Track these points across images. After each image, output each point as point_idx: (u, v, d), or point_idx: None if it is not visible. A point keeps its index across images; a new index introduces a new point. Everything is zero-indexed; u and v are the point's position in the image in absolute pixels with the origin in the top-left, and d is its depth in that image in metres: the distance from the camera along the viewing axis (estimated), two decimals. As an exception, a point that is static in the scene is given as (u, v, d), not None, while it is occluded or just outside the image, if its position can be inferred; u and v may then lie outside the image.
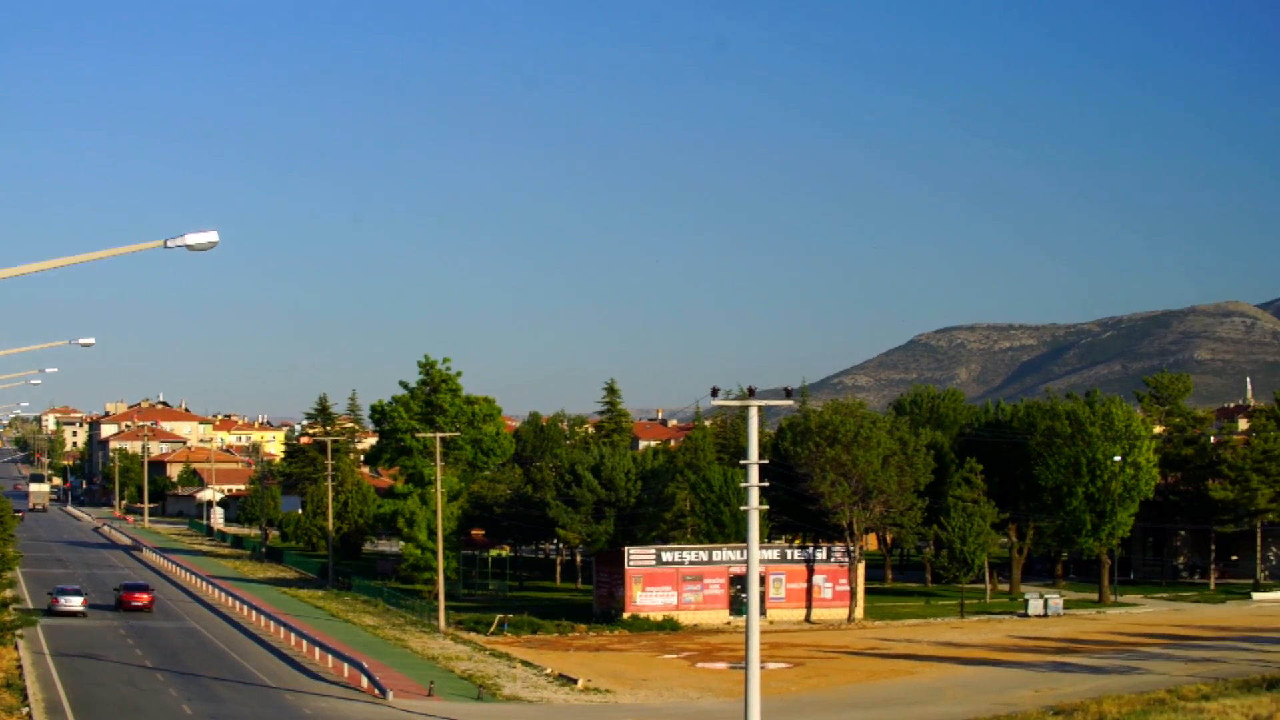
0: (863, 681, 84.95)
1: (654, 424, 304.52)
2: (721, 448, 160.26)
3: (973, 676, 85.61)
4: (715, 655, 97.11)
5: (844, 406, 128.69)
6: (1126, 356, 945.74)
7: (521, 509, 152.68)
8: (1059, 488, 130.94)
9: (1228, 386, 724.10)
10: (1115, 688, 75.11)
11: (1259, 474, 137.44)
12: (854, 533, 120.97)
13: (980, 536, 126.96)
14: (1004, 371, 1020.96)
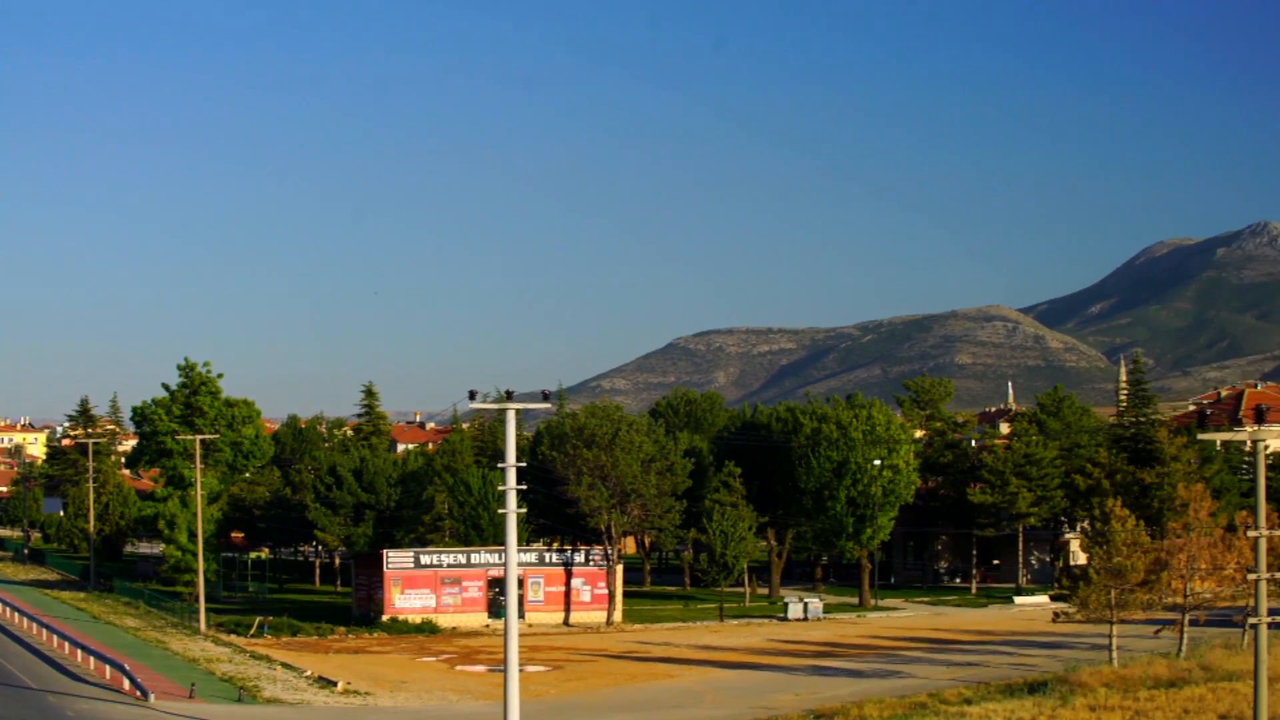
0: (622, 685, 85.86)
1: (412, 427, 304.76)
2: (480, 450, 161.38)
3: (733, 680, 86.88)
4: (474, 658, 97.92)
5: (601, 410, 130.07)
6: (887, 360, 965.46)
7: (281, 511, 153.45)
8: (820, 491, 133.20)
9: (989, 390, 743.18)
10: (876, 691, 76.89)
11: (1020, 478, 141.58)
12: (612, 536, 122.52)
13: (740, 540, 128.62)
14: (763, 375, 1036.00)
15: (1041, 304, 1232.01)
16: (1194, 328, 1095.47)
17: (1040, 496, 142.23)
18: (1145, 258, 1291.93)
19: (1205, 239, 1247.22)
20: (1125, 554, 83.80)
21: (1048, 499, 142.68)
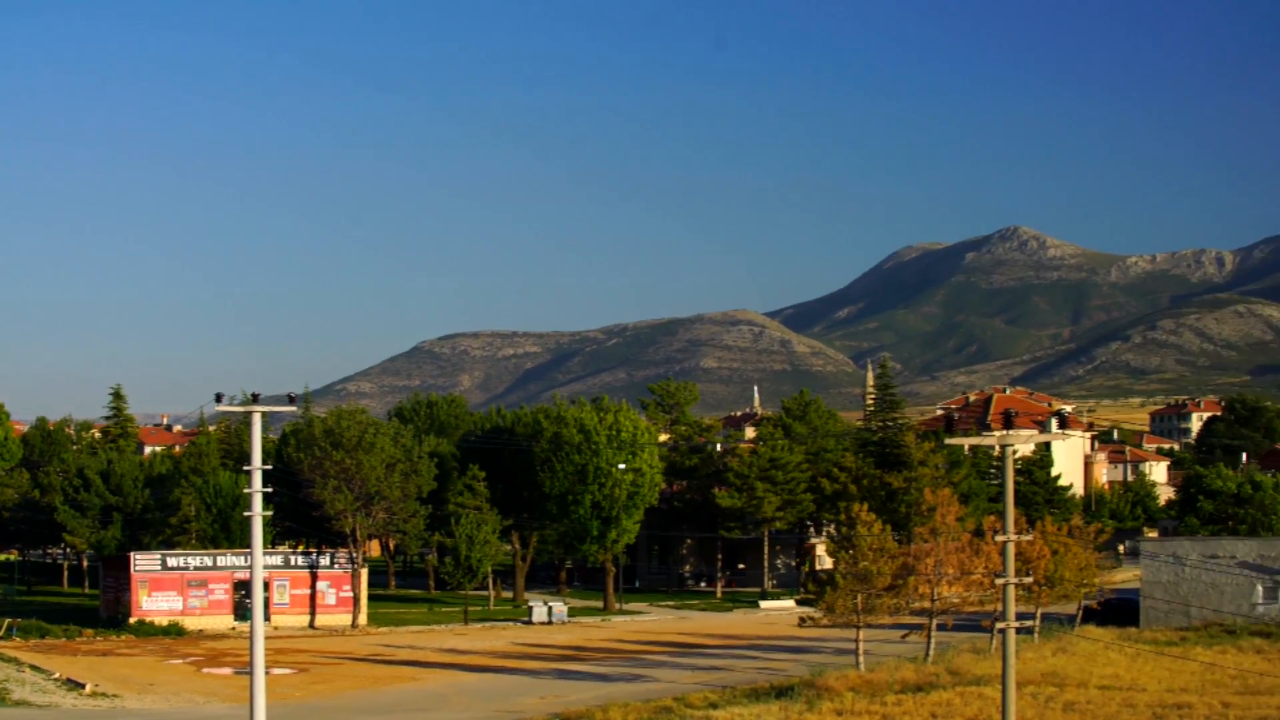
0: (368, 687, 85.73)
1: (159, 429, 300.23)
2: (227, 453, 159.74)
3: (478, 683, 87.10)
4: (221, 660, 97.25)
5: (347, 413, 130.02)
6: (632, 364, 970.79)
7: (29, 514, 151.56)
8: (564, 495, 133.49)
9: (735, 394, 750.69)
10: (622, 695, 77.47)
11: (765, 482, 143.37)
12: (357, 539, 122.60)
13: (484, 544, 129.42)
14: (508, 378, 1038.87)
15: (789, 308, 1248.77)
16: (942, 332, 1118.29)
17: (786, 500, 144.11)
18: (894, 262, 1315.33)
19: (954, 243, 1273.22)
20: (872, 559, 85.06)
21: (794, 503, 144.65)
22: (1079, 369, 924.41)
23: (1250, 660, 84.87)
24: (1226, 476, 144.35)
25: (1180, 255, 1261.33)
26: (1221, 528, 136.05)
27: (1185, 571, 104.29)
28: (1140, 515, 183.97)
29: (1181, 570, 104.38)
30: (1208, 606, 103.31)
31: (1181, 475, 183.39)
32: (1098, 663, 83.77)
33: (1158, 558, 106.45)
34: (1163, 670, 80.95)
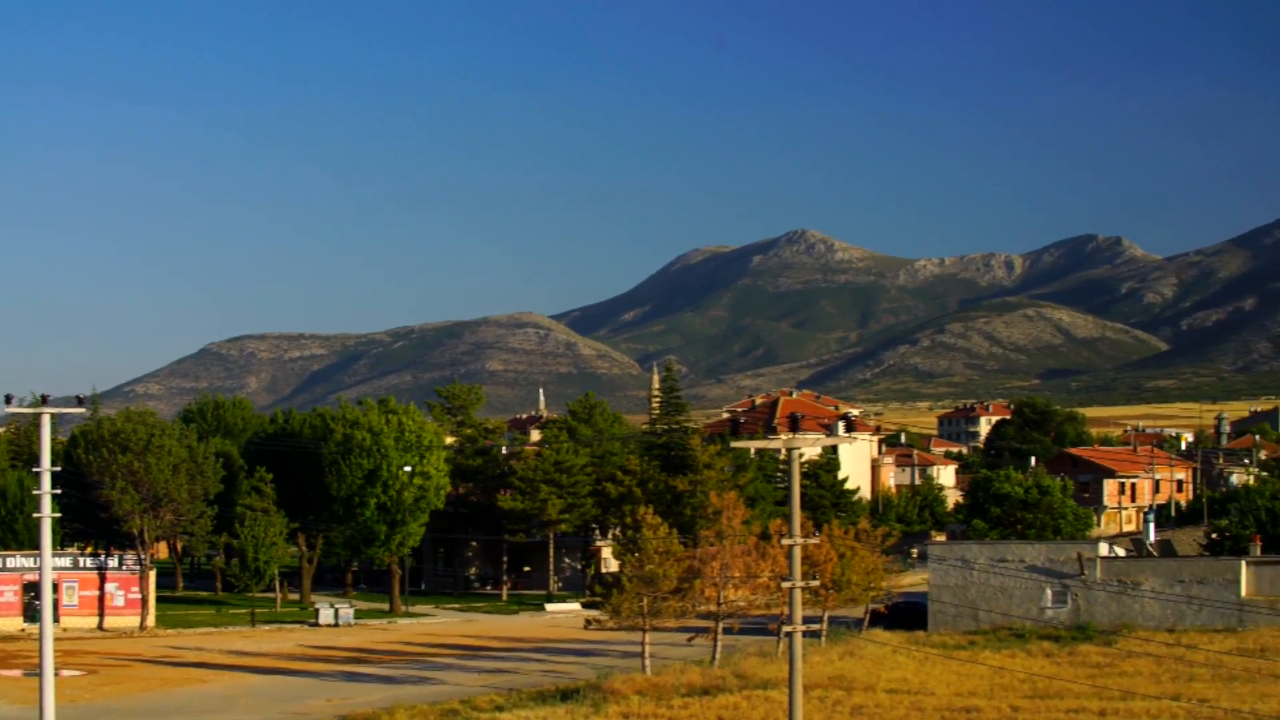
0: (156, 690, 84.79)
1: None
2: (16, 455, 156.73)
3: (265, 685, 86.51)
4: (10, 663, 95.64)
5: (135, 415, 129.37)
6: (418, 366, 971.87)
7: None
8: (351, 498, 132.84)
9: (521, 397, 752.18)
10: (409, 697, 77.42)
11: (550, 485, 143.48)
12: (145, 541, 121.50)
13: (271, 546, 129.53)
14: (294, 381, 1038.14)
15: (575, 311, 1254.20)
16: (729, 335, 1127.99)
17: (571, 503, 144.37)
18: (680, 265, 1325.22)
19: (741, 246, 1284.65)
20: (657, 562, 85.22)
21: (579, 506, 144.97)
22: (867, 372, 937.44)
23: (1039, 664, 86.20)
24: (1015, 480, 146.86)
25: (969, 259, 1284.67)
26: (1010, 531, 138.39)
27: (974, 575, 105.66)
28: (928, 519, 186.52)
29: (970, 574, 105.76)
30: (996, 610, 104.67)
31: (969, 479, 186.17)
32: (886, 666, 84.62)
33: (945, 561, 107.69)
34: (951, 674, 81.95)
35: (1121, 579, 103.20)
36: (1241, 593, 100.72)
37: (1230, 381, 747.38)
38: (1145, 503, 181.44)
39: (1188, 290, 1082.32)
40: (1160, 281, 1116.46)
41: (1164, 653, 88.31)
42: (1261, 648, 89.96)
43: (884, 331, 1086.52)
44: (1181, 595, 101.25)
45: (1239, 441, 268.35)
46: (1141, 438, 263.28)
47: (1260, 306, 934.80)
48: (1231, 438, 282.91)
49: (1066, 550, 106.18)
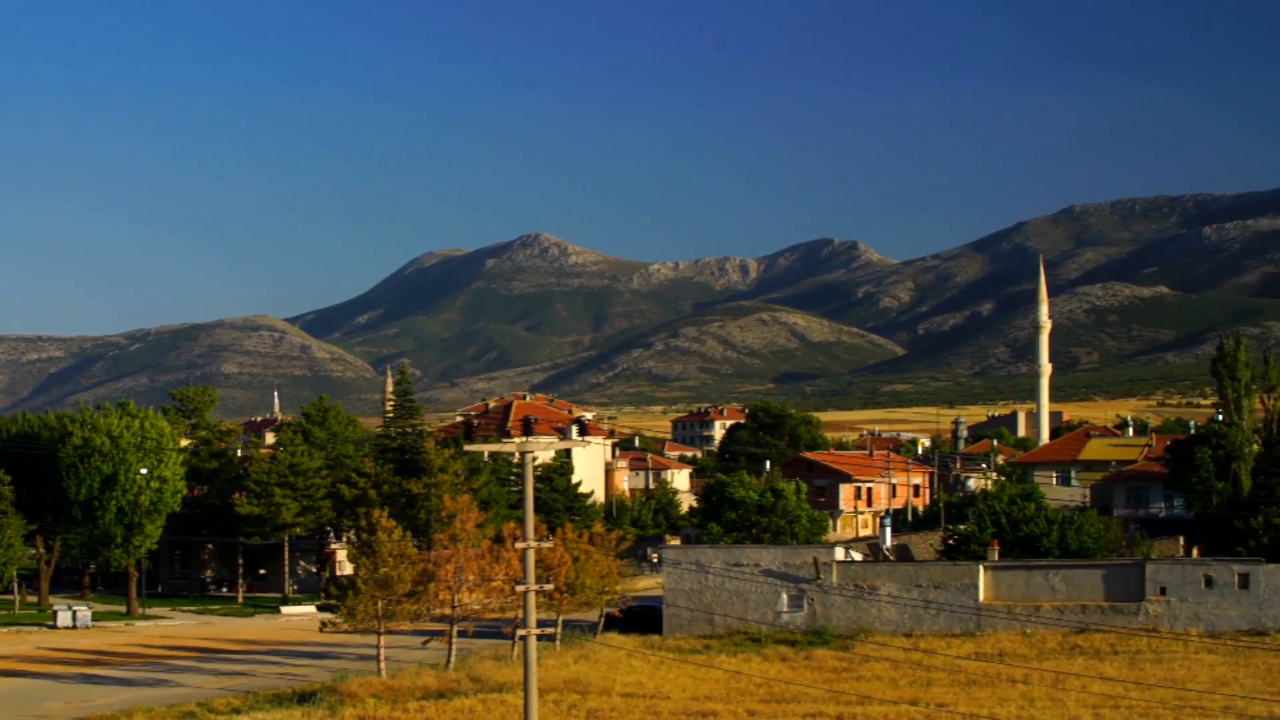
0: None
1: None
2: None
3: (2, 688, 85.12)
4: None
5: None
6: (155, 369, 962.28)
7: None
8: (90, 501, 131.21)
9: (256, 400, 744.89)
10: (147, 700, 76.85)
11: (285, 488, 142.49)
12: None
13: (8, 548, 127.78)
14: (32, 382, 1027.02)
15: (309, 314, 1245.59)
16: (463, 339, 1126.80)
17: (306, 506, 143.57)
18: (414, 268, 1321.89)
19: (475, 250, 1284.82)
20: (392, 565, 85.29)
21: (314, 509, 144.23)
22: (601, 376, 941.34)
23: (775, 668, 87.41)
24: (750, 484, 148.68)
25: (704, 262, 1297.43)
26: (745, 535, 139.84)
27: (709, 579, 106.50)
28: (663, 522, 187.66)
29: (705, 578, 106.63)
30: (732, 614, 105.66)
31: (704, 483, 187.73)
32: (621, 670, 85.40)
33: (680, 565, 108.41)
34: (687, 678, 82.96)
35: (858, 583, 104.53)
36: (979, 597, 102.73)
37: (968, 386, 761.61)
38: (882, 507, 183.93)
39: (925, 294, 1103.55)
40: (897, 286, 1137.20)
41: (901, 657, 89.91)
42: (1000, 652, 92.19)
43: (618, 335, 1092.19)
44: (919, 600, 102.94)
45: (976, 446, 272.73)
46: (878, 442, 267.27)
47: (997, 311, 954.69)
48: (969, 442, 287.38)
49: (802, 554, 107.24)
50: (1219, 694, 72.84)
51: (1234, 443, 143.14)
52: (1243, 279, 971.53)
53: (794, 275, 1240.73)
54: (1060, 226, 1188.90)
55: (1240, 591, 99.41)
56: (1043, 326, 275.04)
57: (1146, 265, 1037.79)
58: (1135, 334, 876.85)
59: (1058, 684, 77.67)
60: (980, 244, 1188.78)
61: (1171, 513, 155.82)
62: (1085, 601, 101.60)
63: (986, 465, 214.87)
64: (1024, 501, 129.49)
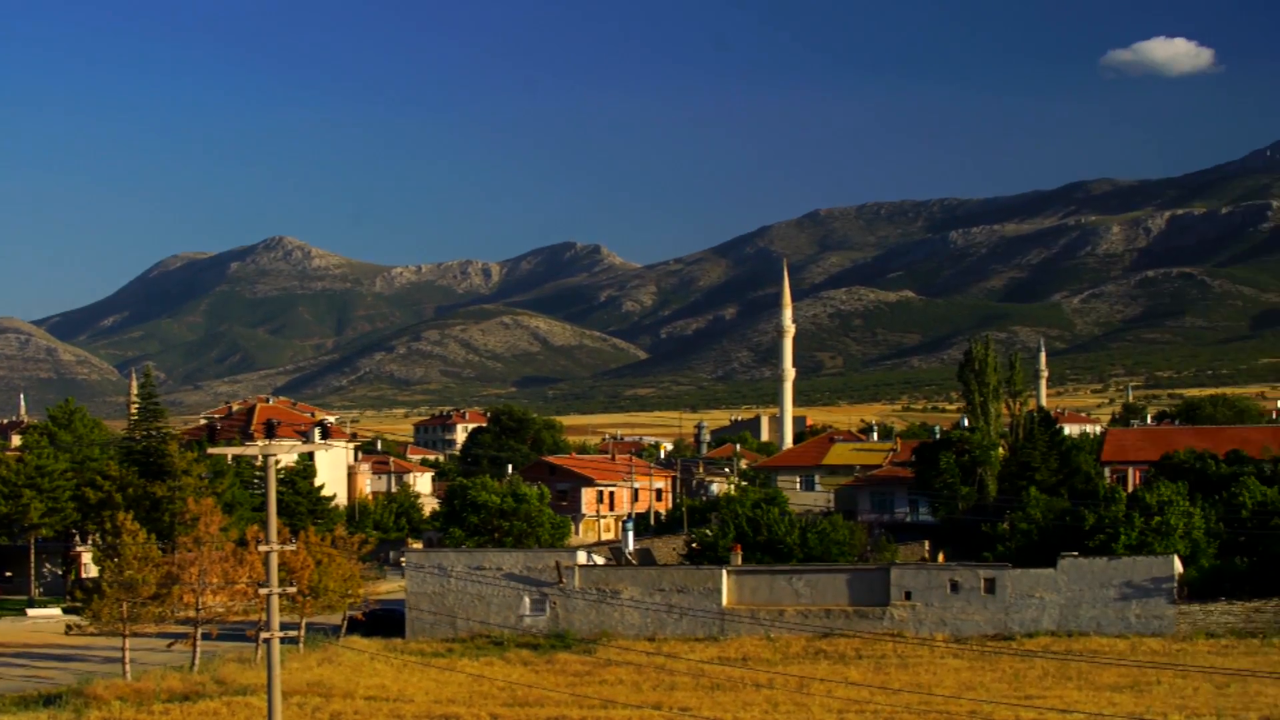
0: None
1: None
2: None
3: None
4: None
5: None
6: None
7: None
8: None
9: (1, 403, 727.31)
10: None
11: (32, 489, 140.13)
12: None
13: None
14: None
15: (55, 316, 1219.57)
16: (206, 342, 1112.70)
17: (51, 508, 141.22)
18: (159, 271, 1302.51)
19: (219, 253, 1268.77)
20: (137, 567, 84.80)
21: (59, 511, 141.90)
22: (343, 379, 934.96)
23: (518, 672, 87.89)
24: (492, 488, 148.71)
25: (447, 266, 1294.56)
26: (487, 539, 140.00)
27: (451, 583, 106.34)
28: (405, 526, 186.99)
29: (448, 581, 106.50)
30: (474, 618, 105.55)
31: (446, 486, 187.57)
32: (364, 673, 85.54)
33: (423, 569, 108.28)
34: (430, 681, 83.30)
35: (601, 587, 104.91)
36: (723, 601, 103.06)
37: (711, 390, 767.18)
38: (624, 511, 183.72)
39: (668, 298, 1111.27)
40: (640, 290, 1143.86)
41: (644, 661, 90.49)
42: (743, 656, 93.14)
43: (361, 339, 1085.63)
44: (662, 604, 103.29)
45: (719, 450, 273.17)
46: (620, 446, 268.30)
47: (741, 315, 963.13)
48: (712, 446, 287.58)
49: (545, 558, 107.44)
50: (965, 698, 73.97)
51: (980, 448, 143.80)
52: (989, 284, 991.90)
53: (536, 279, 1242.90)
54: (804, 230, 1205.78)
55: (986, 596, 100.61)
56: (786, 331, 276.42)
57: (892, 270, 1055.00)
58: (880, 338, 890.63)
59: (802, 688, 78.18)
60: (724, 248, 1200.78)
61: (917, 517, 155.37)
62: (830, 606, 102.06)
63: (729, 469, 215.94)
64: (767, 506, 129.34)
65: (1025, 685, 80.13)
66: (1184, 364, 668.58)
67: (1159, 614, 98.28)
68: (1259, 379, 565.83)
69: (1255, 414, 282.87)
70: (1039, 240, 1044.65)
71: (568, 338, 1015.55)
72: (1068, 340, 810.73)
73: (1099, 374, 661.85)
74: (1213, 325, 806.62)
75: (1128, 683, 79.72)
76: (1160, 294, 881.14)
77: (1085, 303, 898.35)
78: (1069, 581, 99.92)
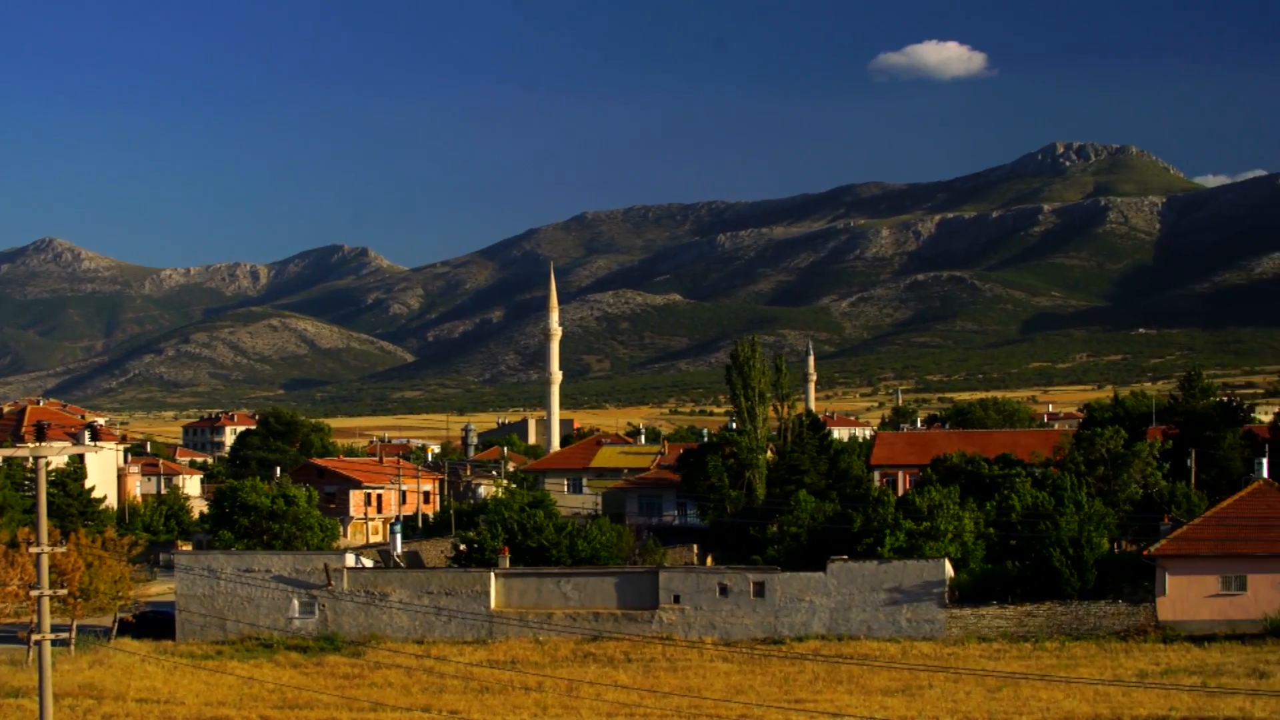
0: None
1: None
2: None
3: None
4: None
5: None
6: None
7: None
8: None
9: None
10: None
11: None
12: None
13: None
14: None
15: None
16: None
17: None
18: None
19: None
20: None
21: None
22: (113, 381, 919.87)
23: (288, 674, 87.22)
24: (261, 490, 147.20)
25: (215, 269, 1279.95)
26: (256, 542, 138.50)
27: (221, 585, 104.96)
28: (175, 528, 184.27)
29: (217, 584, 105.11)
30: (244, 620, 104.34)
31: (215, 488, 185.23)
32: (135, 675, 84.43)
33: (193, 571, 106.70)
34: (200, 683, 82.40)
35: (369, 590, 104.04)
36: (491, 604, 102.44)
37: (478, 393, 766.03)
38: (392, 514, 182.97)
39: (435, 301, 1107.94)
40: (407, 292, 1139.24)
41: (414, 664, 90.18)
42: (512, 659, 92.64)
43: (130, 341, 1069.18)
44: (430, 607, 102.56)
45: (487, 453, 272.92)
46: (388, 449, 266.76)
47: (508, 318, 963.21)
48: (479, 449, 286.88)
49: (313, 561, 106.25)
50: (735, 702, 74.47)
51: (748, 451, 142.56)
52: (757, 287, 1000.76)
53: (304, 281, 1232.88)
54: (572, 234, 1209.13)
55: (756, 599, 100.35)
56: (553, 334, 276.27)
57: (659, 273, 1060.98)
58: (648, 342, 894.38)
59: (571, 692, 78.32)
60: (491, 251, 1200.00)
61: (686, 521, 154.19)
62: (598, 609, 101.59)
63: (497, 472, 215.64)
64: (535, 509, 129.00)
65: (795, 689, 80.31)
66: (954, 368, 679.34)
67: (930, 618, 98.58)
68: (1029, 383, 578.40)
69: (1026, 418, 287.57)
70: (808, 244, 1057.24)
71: (335, 340, 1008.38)
72: (837, 344, 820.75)
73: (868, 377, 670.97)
74: (983, 329, 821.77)
75: (899, 687, 79.95)
76: (930, 298, 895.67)
77: (854, 306, 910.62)
78: (839, 585, 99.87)
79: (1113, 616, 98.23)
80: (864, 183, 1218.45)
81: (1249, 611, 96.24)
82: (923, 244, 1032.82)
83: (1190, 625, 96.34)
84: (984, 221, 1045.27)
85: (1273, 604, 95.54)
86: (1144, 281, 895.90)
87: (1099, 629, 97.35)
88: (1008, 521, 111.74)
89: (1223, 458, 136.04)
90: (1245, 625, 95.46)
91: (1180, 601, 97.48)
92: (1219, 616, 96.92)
